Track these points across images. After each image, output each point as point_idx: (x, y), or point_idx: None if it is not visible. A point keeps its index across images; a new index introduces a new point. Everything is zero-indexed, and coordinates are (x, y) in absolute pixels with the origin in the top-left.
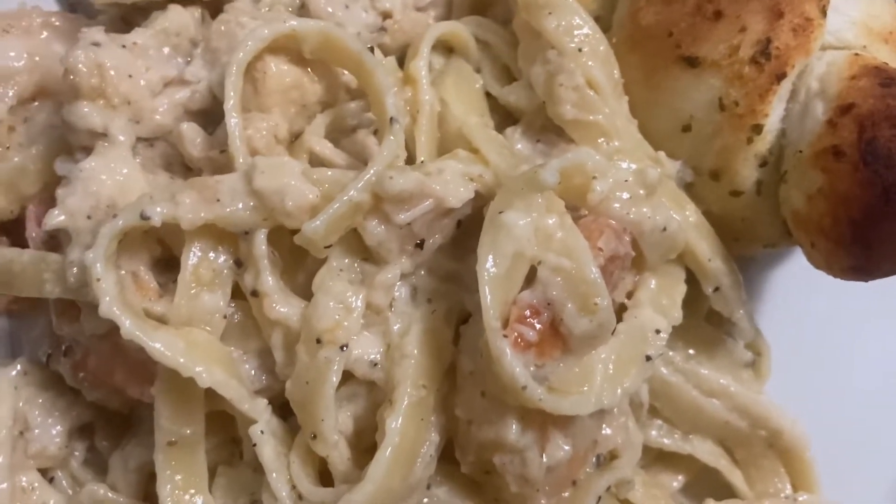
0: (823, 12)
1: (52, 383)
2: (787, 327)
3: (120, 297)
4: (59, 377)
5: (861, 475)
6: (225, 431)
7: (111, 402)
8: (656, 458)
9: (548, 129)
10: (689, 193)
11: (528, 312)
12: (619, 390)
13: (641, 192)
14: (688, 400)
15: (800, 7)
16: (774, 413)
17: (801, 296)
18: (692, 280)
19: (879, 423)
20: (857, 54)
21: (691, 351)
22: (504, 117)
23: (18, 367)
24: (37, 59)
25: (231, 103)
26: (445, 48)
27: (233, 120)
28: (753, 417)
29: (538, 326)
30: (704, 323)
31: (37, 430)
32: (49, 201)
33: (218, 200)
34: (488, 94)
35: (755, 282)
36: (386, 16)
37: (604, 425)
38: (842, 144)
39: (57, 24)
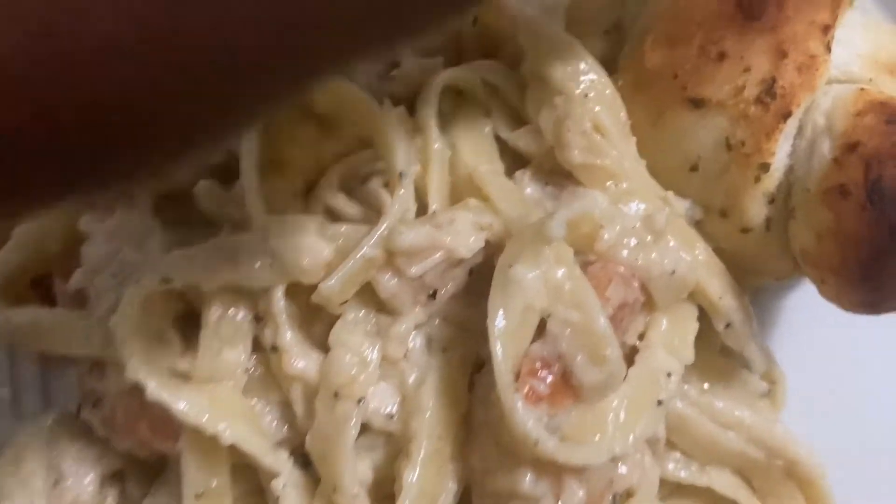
0: (828, 48)
1: (83, 433)
2: (802, 354)
3: (144, 357)
4: (90, 427)
5: (878, 501)
6: (250, 481)
7: (140, 453)
8: (674, 490)
9: (557, 172)
10: (699, 230)
11: (538, 365)
12: (630, 437)
13: (649, 237)
14: (704, 433)
15: (804, 44)
16: (790, 443)
17: (815, 322)
18: (705, 314)
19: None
20: (862, 89)
21: (706, 385)
22: (514, 160)
23: (51, 418)
24: None
25: (247, 163)
26: (455, 93)
27: (249, 179)
28: (769, 448)
29: (549, 379)
30: (718, 356)
31: (70, 480)
32: (74, 258)
33: (236, 260)
34: (498, 137)
35: (769, 309)
36: (394, 64)
37: (620, 464)
38: (848, 183)
39: None
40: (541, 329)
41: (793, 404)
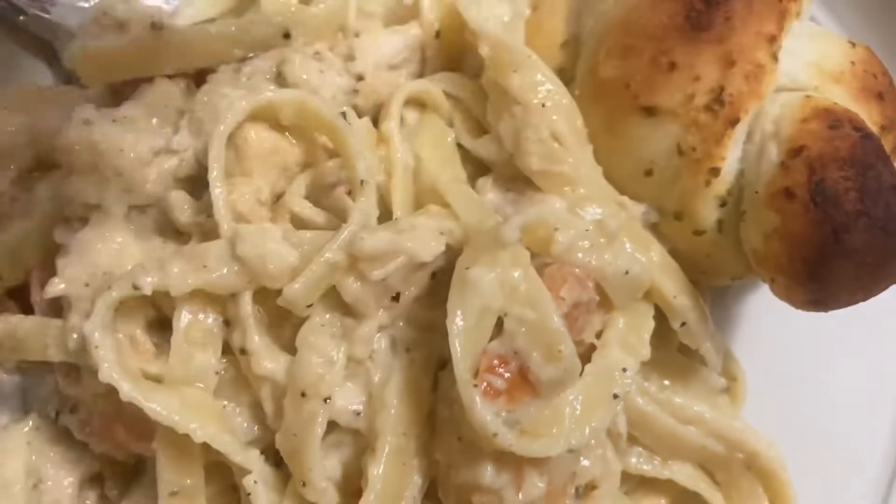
0: (775, 58)
1: (62, 437)
2: (763, 350)
3: (117, 361)
4: (69, 431)
5: (837, 494)
6: (223, 479)
7: (118, 455)
8: (639, 484)
9: (517, 178)
10: (655, 233)
11: (496, 362)
12: (586, 430)
13: (602, 240)
14: (665, 428)
15: (751, 54)
16: (750, 436)
17: (776, 321)
18: (663, 314)
19: (855, 442)
20: (808, 96)
21: (666, 382)
22: (477, 167)
23: (30, 422)
24: (35, 132)
25: (215, 174)
26: (419, 104)
27: (217, 189)
28: (729, 442)
29: (507, 375)
30: (678, 354)
31: (49, 483)
32: (51, 267)
33: (205, 267)
34: (461, 146)
35: (731, 308)
36: (359, 78)
37: (581, 458)
38: (793, 186)
39: (52, 97)
40: (499, 328)
41: (754, 400)
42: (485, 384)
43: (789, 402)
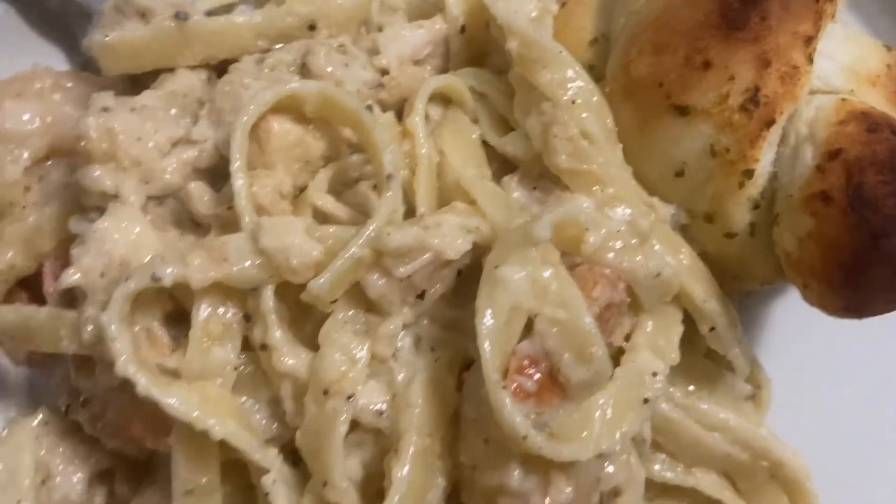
0: (810, 59)
1: (71, 431)
2: (788, 358)
3: (134, 355)
4: (79, 425)
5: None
6: (240, 479)
7: (130, 451)
8: (662, 492)
9: (544, 176)
10: (685, 235)
11: (526, 363)
12: (617, 434)
13: (634, 241)
14: (689, 434)
15: (787, 55)
16: (775, 445)
17: (802, 328)
18: (691, 318)
19: (883, 451)
20: (844, 99)
21: (691, 387)
22: (502, 165)
23: (40, 416)
24: (49, 120)
25: (237, 165)
26: (443, 99)
27: (239, 181)
28: (754, 450)
29: (537, 376)
30: (704, 359)
31: (58, 479)
32: (65, 257)
33: (226, 260)
34: (486, 143)
35: (757, 315)
36: (384, 72)
37: (606, 463)
38: (830, 190)
39: (68, 84)
40: (528, 328)
41: (779, 408)
42: (514, 385)
43: (815, 409)
